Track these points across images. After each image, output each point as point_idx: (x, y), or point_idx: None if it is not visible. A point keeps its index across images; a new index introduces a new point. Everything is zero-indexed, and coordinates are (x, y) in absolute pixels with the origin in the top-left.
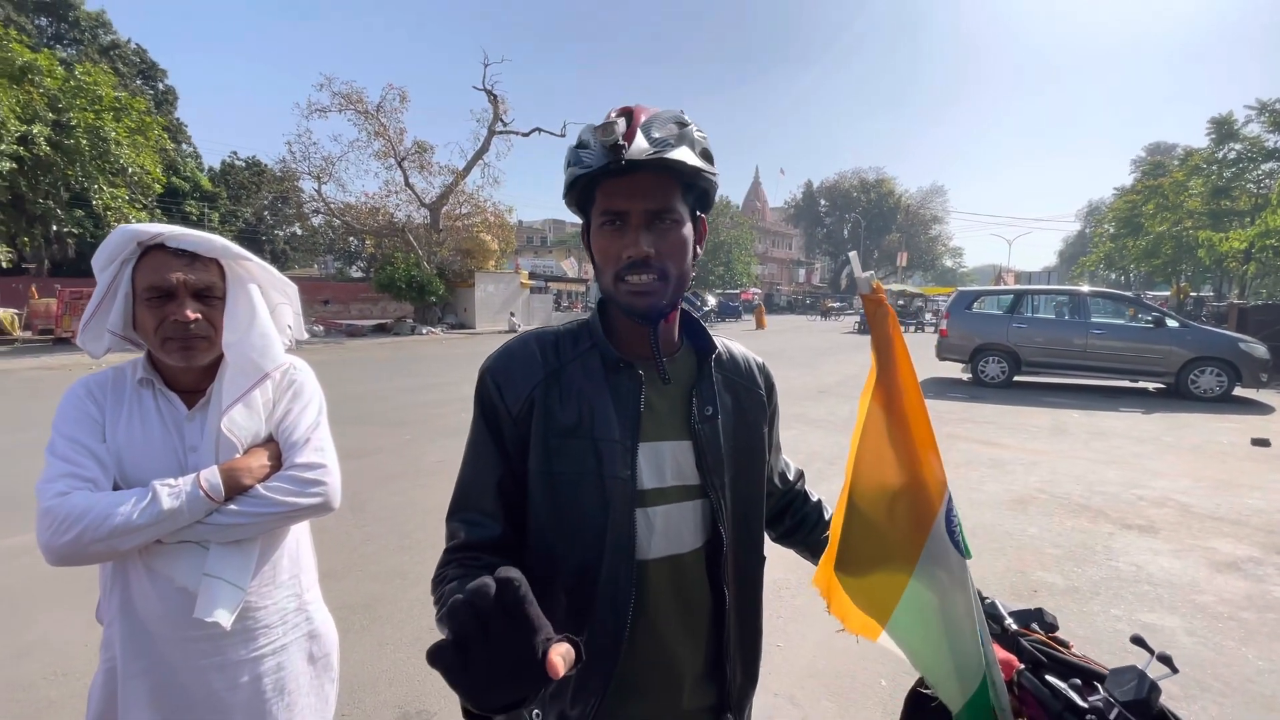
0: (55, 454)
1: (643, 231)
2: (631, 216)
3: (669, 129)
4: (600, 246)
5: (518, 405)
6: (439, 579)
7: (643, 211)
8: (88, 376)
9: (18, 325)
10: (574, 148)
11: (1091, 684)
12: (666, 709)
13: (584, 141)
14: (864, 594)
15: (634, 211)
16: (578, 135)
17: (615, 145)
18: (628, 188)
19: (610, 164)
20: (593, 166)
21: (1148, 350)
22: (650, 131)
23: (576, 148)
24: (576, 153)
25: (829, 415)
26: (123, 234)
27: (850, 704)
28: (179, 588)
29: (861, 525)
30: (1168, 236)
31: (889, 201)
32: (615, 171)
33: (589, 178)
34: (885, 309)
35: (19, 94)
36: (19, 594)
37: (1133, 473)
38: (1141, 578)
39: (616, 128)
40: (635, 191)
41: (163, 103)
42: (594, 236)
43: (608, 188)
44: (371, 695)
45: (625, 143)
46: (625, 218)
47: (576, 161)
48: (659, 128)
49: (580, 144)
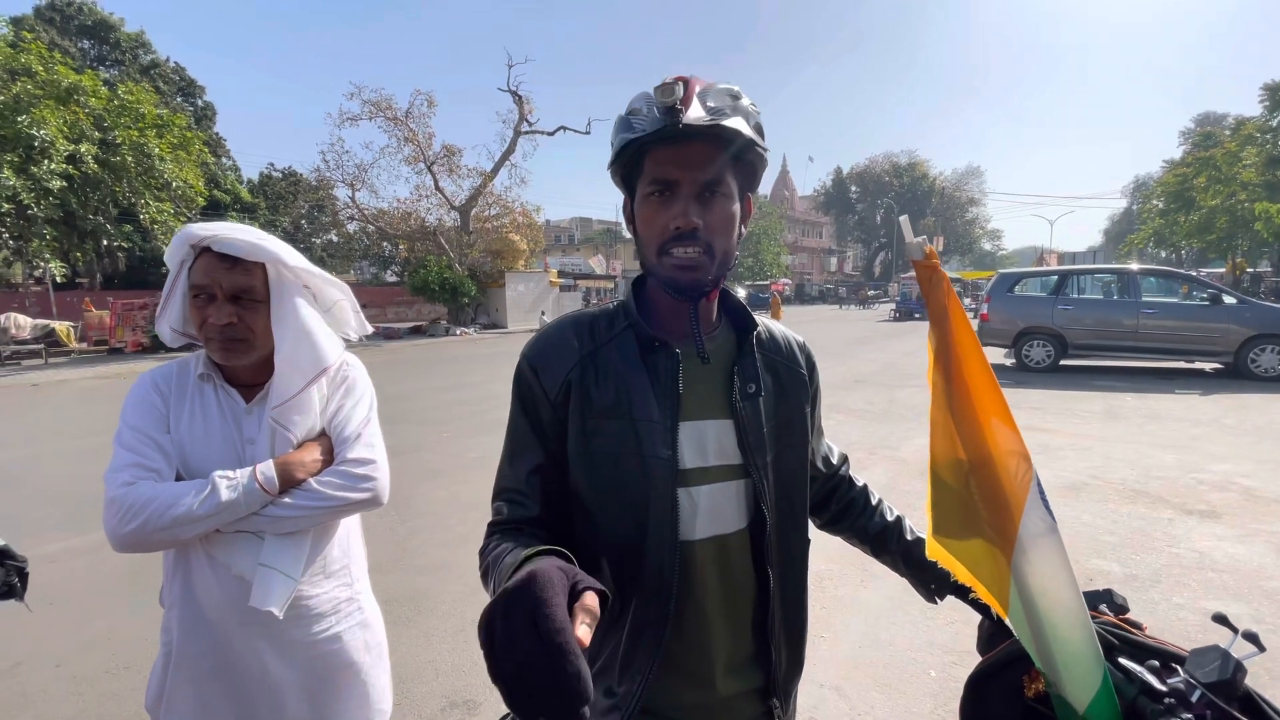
0: (122, 444)
1: (692, 202)
2: (682, 186)
3: (724, 99)
4: (646, 216)
5: (555, 389)
6: (484, 549)
7: (694, 181)
8: (154, 370)
9: (73, 337)
10: (624, 115)
11: (1169, 666)
12: (711, 691)
13: (636, 108)
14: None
15: (685, 181)
16: (628, 104)
17: (673, 108)
18: (680, 156)
19: (666, 127)
20: (646, 131)
21: (1204, 329)
22: (706, 100)
23: (627, 115)
24: (627, 119)
25: (866, 405)
26: (181, 236)
27: (899, 695)
28: (236, 576)
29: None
30: (1221, 210)
31: (923, 185)
32: (668, 138)
33: (640, 144)
34: (940, 275)
35: (66, 114)
36: (82, 591)
37: (1191, 456)
38: (1205, 564)
39: (676, 89)
40: (687, 160)
41: (202, 118)
42: (639, 207)
43: (658, 155)
44: (419, 685)
45: (682, 107)
46: (675, 187)
47: (627, 127)
48: (714, 98)
49: (631, 111)
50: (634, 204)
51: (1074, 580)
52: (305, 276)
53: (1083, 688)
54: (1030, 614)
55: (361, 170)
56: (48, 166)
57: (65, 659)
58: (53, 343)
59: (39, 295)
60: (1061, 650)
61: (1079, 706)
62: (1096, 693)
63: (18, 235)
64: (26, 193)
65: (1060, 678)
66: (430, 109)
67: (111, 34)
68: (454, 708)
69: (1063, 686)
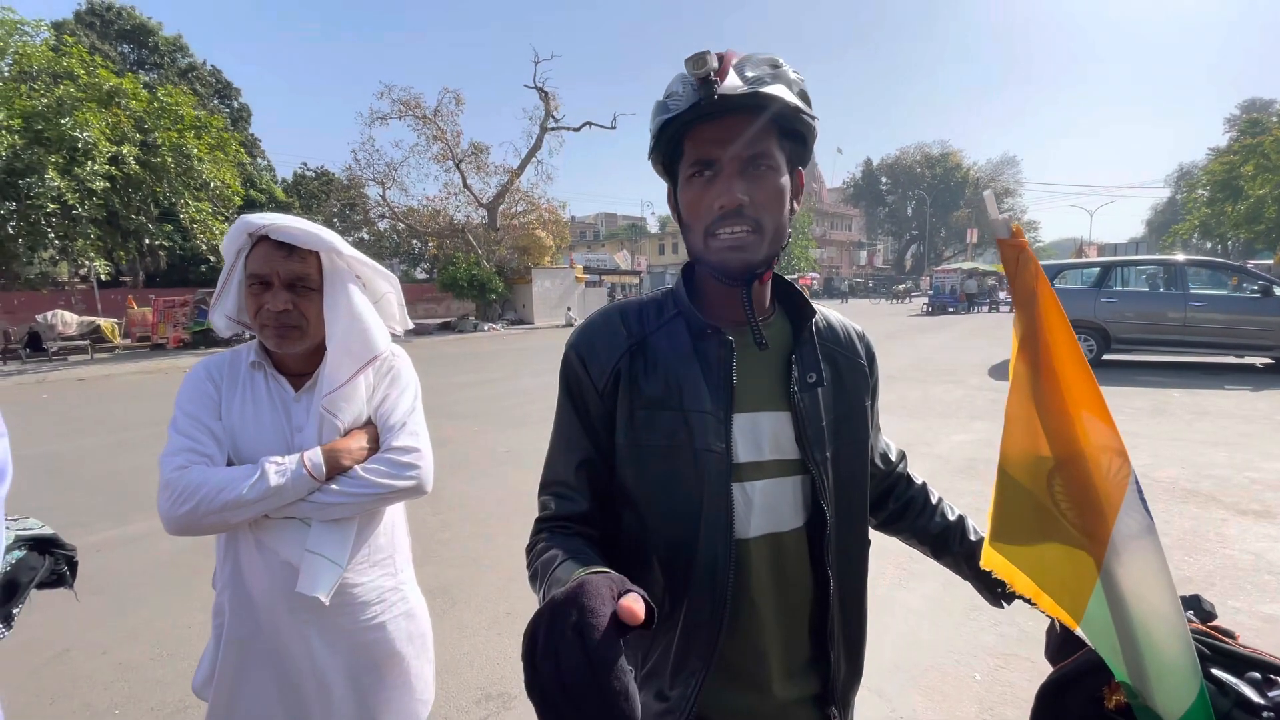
0: (177, 429)
1: (736, 179)
2: (724, 164)
3: (763, 68)
4: (689, 200)
5: (603, 379)
6: (531, 547)
7: (736, 158)
8: (208, 359)
9: (118, 333)
10: (660, 100)
11: (1270, 679)
12: (768, 696)
13: (672, 90)
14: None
15: (727, 157)
16: (665, 88)
17: (707, 79)
18: (720, 132)
19: (701, 101)
20: (682, 109)
21: (1255, 322)
22: (744, 70)
23: (664, 98)
24: (663, 102)
25: (899, 401)
26: (238, 225)
27: (942, 698)
28: (284, 561)
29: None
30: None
31: (956, 175)
32: (706, 115)
33: (678, 124)
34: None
35: (108, 116)
36: (129, 579)
37: (1244, 454)
38: (1261, 567)
39: (709, 59)
40: (728, 136)
41: (238, 120)
42: (683, 191)
43: (698, 134)
44: (454, 678)
45: (718, 79)
46: (717, 166)
47: (663, 110)
48: (752, 67)
49: (668, 93)
50: (677, 191)
51: (1172, 585)
52: (357, 266)
53: (1176, 700)
54: (1120, 620)
55: (391, 169)
56: (91, 168)
57: (111, 646)
58: (98, 339)
59: (84, 293)
60: (1154, 659)
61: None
62: (1191, 705)
63: (63, 235)
64: (71, 193)
65: (1150, 689)
66: (458, 107)
67: (150, 38)
68: (489, 700)
69: (1152, 698)
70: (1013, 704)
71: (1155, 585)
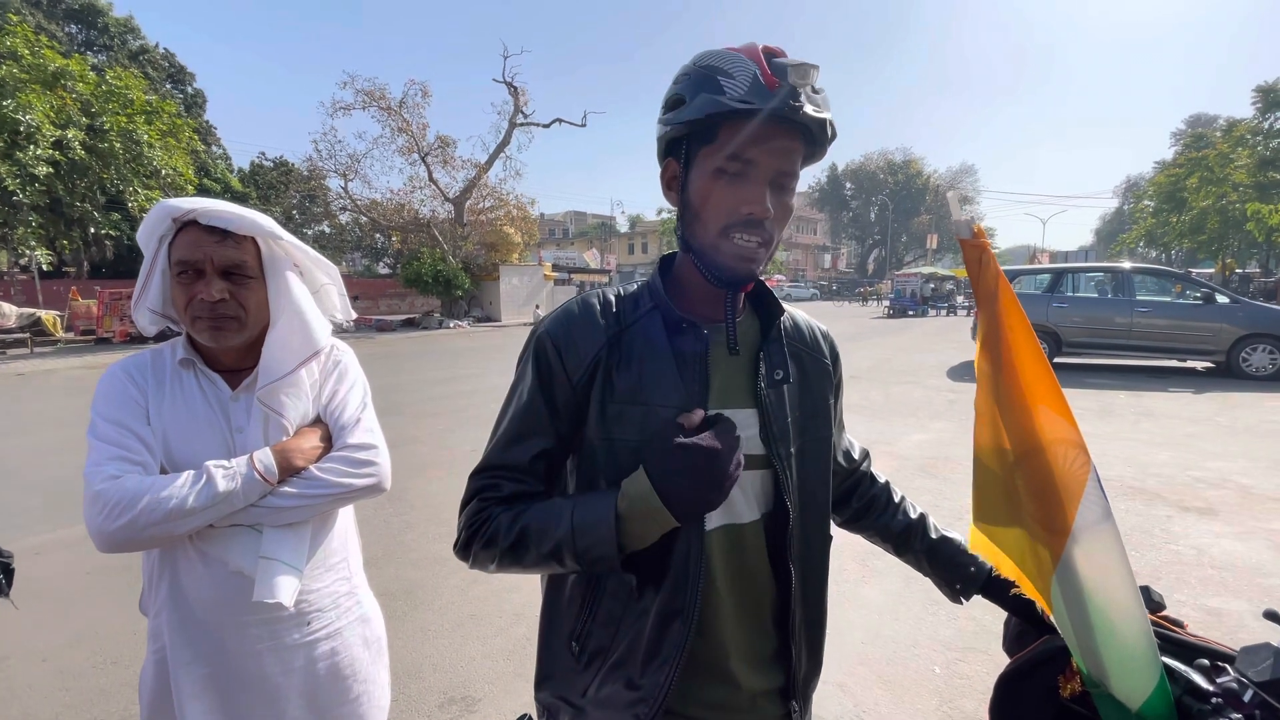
0: (99, 437)
1: (767, 189)
2: (760, 170)
3: (821, 93)
4: (710, 191)
5: (579, 372)
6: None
7: (772, 168)
8: (125, 359)
9: (60, 326)
10: (707, 73)
11: (1218, 666)
12: (736, 688)
13: (726, 69)
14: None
15: (766, 166)
16: (705, 62)
17: (794, 90)
18: (769, 139)
19: (782, 111)
20: (751, 105)
21: (1196, 328)
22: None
23: (715, 75)
24: (716, 79)
25: (862, 400)
26: (159, 209)
27: (903, 691)
28: (233, 572)
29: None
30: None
31: (917, 182)
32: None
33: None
34: (989, 256)
35: (53, 99)
36: (64, 585)
37: (1187, 454)
38: (1204, 561)
39: (811, 73)
40: (776, 146)
41: (192, 105)
42: (701, 179)
43: (748, 132)
44: (415, 682)
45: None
46: (752, 169)
47: (717, 90)
48: (816, 86)
49: (720, 70)
50: (688, 171)
51: (1130, 573)
52: (295, 254)
53: (1136, 687)
54: (1077, 608)
55: (354, 160)
56: (34, 152)
57: (52, 654)
58: (38, 332)
59: (25, 283)
60: (1114, 646)
61: (1131, 705)
62: (1152, 692)
63: (2, 222)
64: (12, 179)
65: (1109, 675)
66: (425, 99)
67: (99, 18)
68: (452, 703)
69: (1111, 684)
70: (971, 696)
71: (1115, 573)
